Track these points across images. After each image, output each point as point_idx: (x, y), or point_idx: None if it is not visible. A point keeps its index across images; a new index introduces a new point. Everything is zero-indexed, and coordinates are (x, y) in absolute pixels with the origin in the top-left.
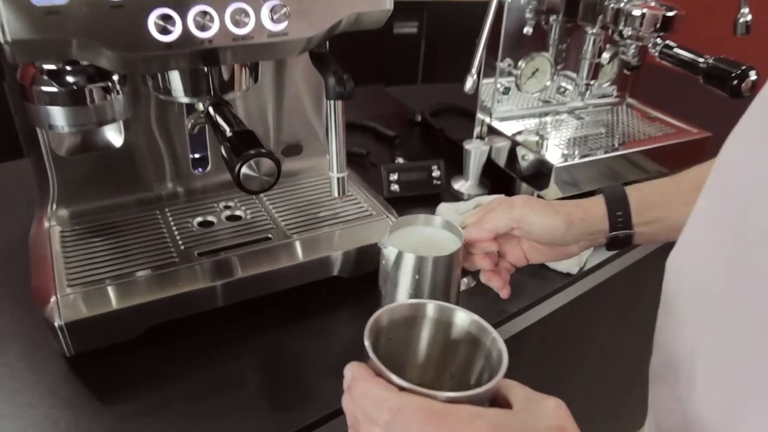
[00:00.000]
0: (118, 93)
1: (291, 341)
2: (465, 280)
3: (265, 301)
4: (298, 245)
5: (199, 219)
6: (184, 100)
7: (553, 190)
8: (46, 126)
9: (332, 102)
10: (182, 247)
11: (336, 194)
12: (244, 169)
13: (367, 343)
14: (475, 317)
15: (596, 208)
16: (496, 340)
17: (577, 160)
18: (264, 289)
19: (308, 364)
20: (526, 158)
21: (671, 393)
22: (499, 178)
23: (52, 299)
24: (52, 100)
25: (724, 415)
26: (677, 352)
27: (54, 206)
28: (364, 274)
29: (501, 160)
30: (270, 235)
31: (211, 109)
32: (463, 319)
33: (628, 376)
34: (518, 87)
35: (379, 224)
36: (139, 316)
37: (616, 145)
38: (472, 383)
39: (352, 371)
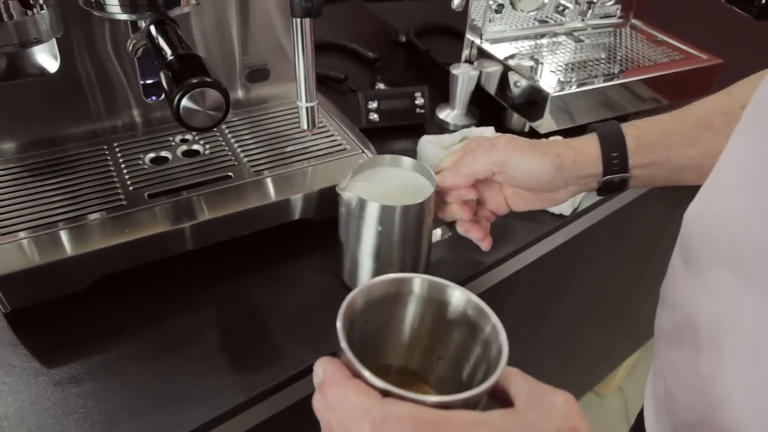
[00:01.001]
0: (42, 8)
1: (254, 292)
2: (439, 231)
3: (224, 247)
4: (262, 185)
5: (152, 155)
6: (122, 16)
7: (547, 121)
8: None
9: (298, 20)
10: (131, 188)
11: (305, 126)
12: (185, 102)
13: (340, 334)
14: (474, 298)
15: (589, 148)
16: (497, 328)
17: (575, 89)
18: (223, 234)
19: (273, 318)
20: (518, 85)
21: (689, 363)
22: (489, 108)
23: None
24: None
25: (757, 400)
26: (697, 316)
27: None
28: (336, 216)
29: (491, 87)
30: (231, 174)
31: (152, 28)
32: (458, 298)
33: (615, 315)
34: (512, 5)
35: (353, 160)
36: (81, 267)
37: (617, 72)
38: (465, 373)
39: (324, 370)
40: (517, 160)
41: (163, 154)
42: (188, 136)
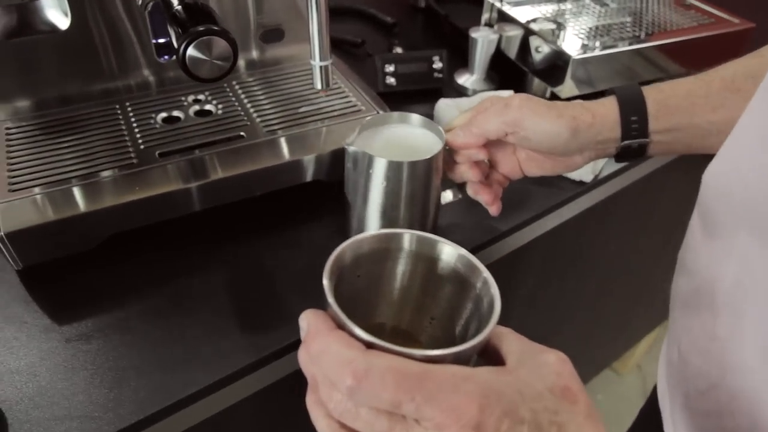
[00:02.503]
0: None
1: (264, 254)
2: (449, 192)
3: (235, 208)
4: (274, 144)
5: (164, 114)
6: None
7: (569, 86)
8: None
9: None
10: (142, 147)
11: (319, 86)
12: (191, 51)
13: (326, 284)
14: (464, 252)
15: (607, 111)
16: (488, 282)
17: (598, 53)
18: (234, 194)
19: (281, 279)
20: (540, 50)
21: (706, 328)
22: (509, 72)
23: None
24: None
25: None
26: (715, 281)
27: None
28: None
29: (512, 52)
30: (243, 133)
31: None
32: (448, 253)
33: (635, 289)
34: None
35: (366, 114)
36: (92, 224)
37: (643, 36)
38: (456, 331)
39: (309, 322)
40: (530, 121)
41: (175, 113)
42: (201, 96)
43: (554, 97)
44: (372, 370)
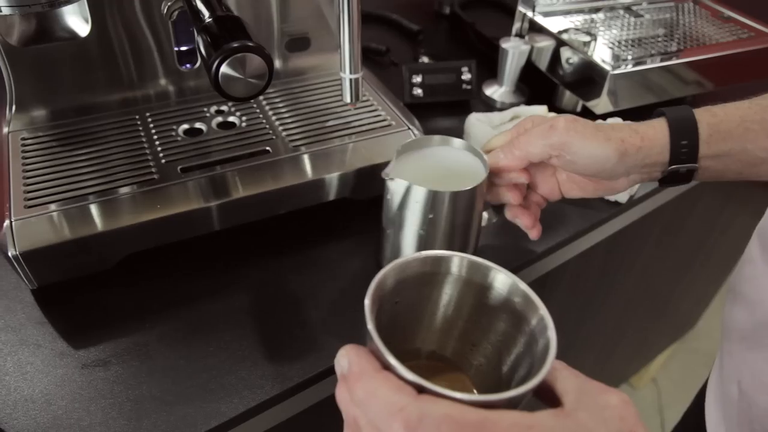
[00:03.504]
0: None
1: (289, 275)
2: (485, 214)
3: (260, 226)
4: (301, 161)
5: (186, 126)
6: None
7: (604, 102)
8: None
9: None
10: (163, 161)
11: (348, 99)
12: (225, 68)
13: (368, 318)
14: (521, 284)
15: (656, 133)
16: (545, 320)
17: (636, 68)
18: (259, 212)
19: (308, 304)
20: (571, 61)
21: None
22: (539, 85)
23: (6, 223)
24: None
25: None
26: None
27: (14, 108)
28: (379, 196)
29: (542, 63)
30: (269, 148)
31: None
32: (502, 282)
33: (657, 308)
34: None
35: (398, 137)
36: (111, 243)
37: (676, 50)
38: (504, 368)
39: (350, 360)
40: (578, 145)
41: (198, 125)
42: (224, 107)
43: (585, 110)
44: (426, 419)
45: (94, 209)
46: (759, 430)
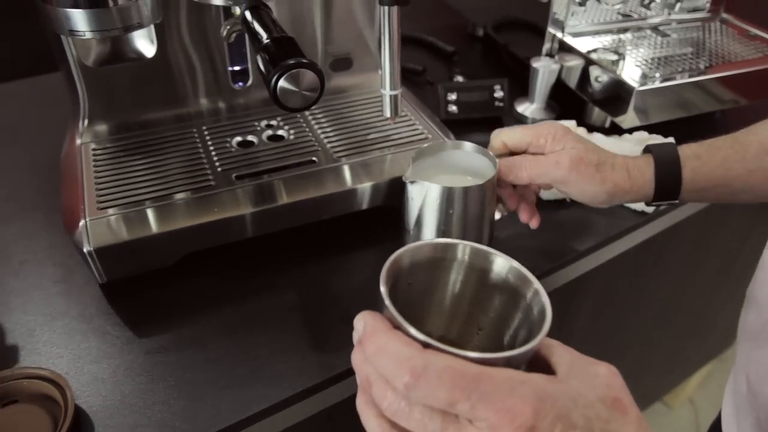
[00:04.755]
0: None
1: (332, 276)
2: (497, 212)
3: (307, 230)
4: (345, 170)
5: (239, 138)
6: (218, 2)
7: (630, 117)
8: (66, 32)
9: (386, 8)
10: (219, 169)
11: (388, 114)
12: (282, 83)
13: (383, 289)
14: (515, 264)
15: (644, 178)
16: (539, 292)
17: (661, 84)
18: (307, 217)
19: (351, 302)
20: (599, 80)
21: None
22: (569, 102)
23: (81, 223)
24: (72, 1)
25: None
26: None
27: (85, 122)
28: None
29: (572, 81)
30: (315, 158)
31: (247, 14)
32: (500, 265)
33: (690, 322)
34: None
35: (432, 140)
36: (172, 243)
37: (703, 68)
38: (505, 341)
39: (365, 322)
40: (576, 184)
41: (249, 138)
42: (273, 122)
43: (614, 126)
44: (429, 368)
45: (157, 212)
46: (763, 418)
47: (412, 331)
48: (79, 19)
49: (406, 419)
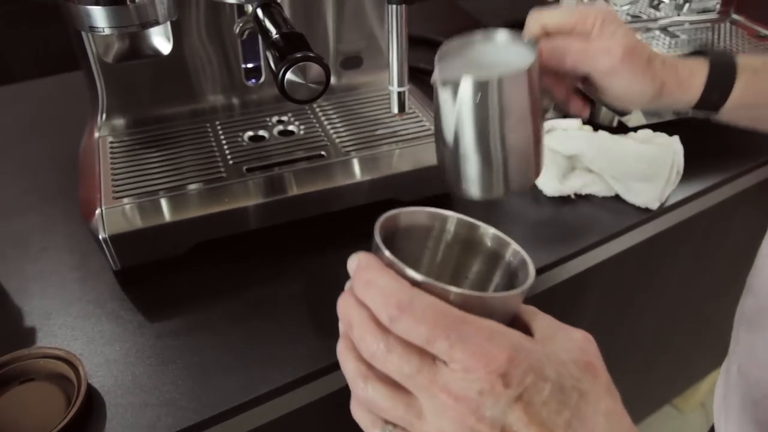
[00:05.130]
0: None
1: (339, 268)
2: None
3: (315, 222)
4: (352, 164)
5: (250, 133)
6: (231, 0)
7: (636, 116)
8: (87, 28)
9: (394, 7)
10: (231, 162)
11: (395, 110)
12: (290, 75)
13: (376, 235)
14: (497, 231)
15: (694, 82)
16: (518, 251)
17: None
18: (314, 209)
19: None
20: None
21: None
22: None
23: (97, 211)
24: None
25: None
26: None
27: (104, 116)
28: (423, 198)
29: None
30: (323, 152)
31: (259, 11)
32: (484, 233)
33: (700, 324)
34: None
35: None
36: (184, 231)
37: None
38: None
39: (359, 259)
40: (624, 78)
41: (261, 132)
42: (284, 118)
43: (621, 125)
44: (415, 303)
45: (170, 201)
46: (749, 400)
47: (405, 268)
48: (99, 15)
49: (383, 362)
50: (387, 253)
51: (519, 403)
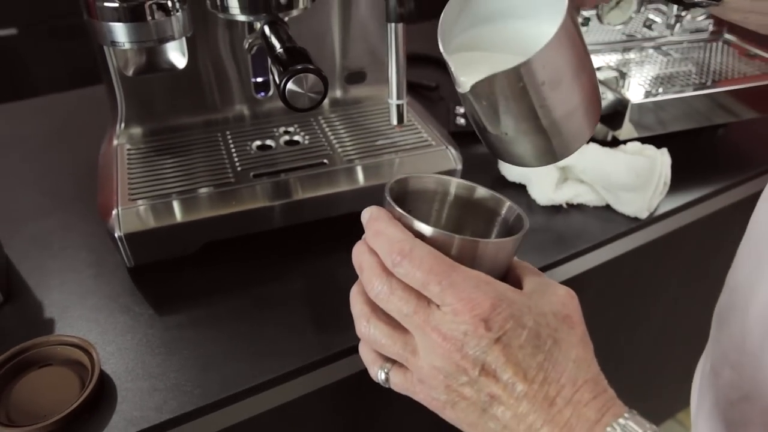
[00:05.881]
0: (178, 11)
1: (338, 268)
2: None
3: (316, 226)
4: (353, 171)
5: (258, 142)
6: (241, 17)
7: (627, 129)
8: (109, 42)
9: (392, 25)
10: (239, 168)
11: (395, 122)
12: (290, 85)
13: (387, 191)
14: (494, 192)
15: None
16: (512, 206)
17: (655, 98)
18: (316, 213)
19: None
20: (604, 97)
21: (734, 341)
22: None
23: (114, 211)
24: (114, 16)
25: None
26: (751, 296)
27: (122, 125)
28: None
29: None
30: (326, 161)
31: (266, 28)
32: (482, 194)
33: (698, 337)
34: (599, 18)
35: (437, 154)
36: (194, 232)
37: (700, 84)
38: None
39: (371, 212)
40: None
41: (268, 142)
42: (290, 129)
43: (615, 140)
44: (414, 251)
45: (182, 204)
46: (721, 399)
47: (411, 220)
48: (120, 31)
49: (386, 301)
50: (395, 206)
51: (498, 344)
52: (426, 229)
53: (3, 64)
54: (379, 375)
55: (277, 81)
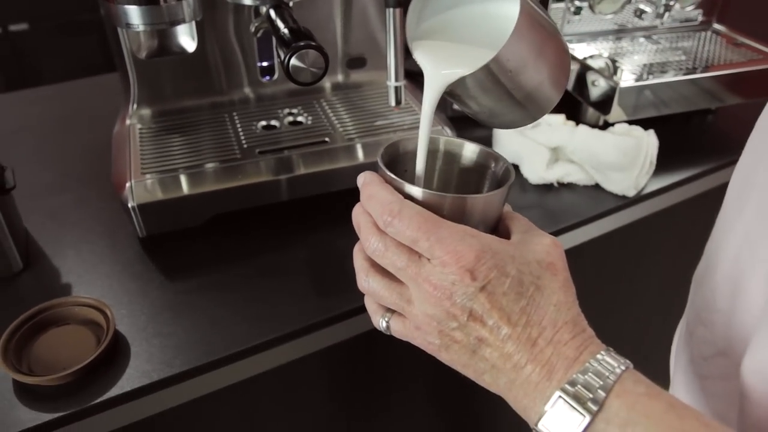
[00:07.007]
0: None
1: (339, 240)
2: None
3: (318, 201)
4: (353, 149)
5: (263, 123)
6: (247, 2)
7: (616, 112)
8: (124, 24)
9: (391, 10)
10: (245, 146)
11: (393, 103)
12: (293, 61)
13: (379, 158)
14: (482, 146)
15: None
16: (500, 159)
17: (642, 82)
18: (318, 187)
19: (350, 261)
20: (596, 84)
21: (706, 300)
22: (565, 102)
23: (127, 184)
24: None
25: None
26: (719, 256)
27: (135, 106)
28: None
29: (569, 84)
30: (327, 139)
31: (271, 11)
32: (471, 150)
33: None
34: (591, 8)
35: (433, 134)
36: (201, 204)
37: (686, 70)
38: None
39: (365, 176)
40: None
41: (273, 122)
42: (294, 110)
43: (606, 124)
44: (404, 211)
45: (190, 178)
46: (696, 354)
47: (400, 182)
48: (135, 14)
49: (382, 257)
50: (385, 170)
51: (483, 292)
52: (415, 190)
53: (16, 57)
54: (381, 323)
55: (282, 57)
